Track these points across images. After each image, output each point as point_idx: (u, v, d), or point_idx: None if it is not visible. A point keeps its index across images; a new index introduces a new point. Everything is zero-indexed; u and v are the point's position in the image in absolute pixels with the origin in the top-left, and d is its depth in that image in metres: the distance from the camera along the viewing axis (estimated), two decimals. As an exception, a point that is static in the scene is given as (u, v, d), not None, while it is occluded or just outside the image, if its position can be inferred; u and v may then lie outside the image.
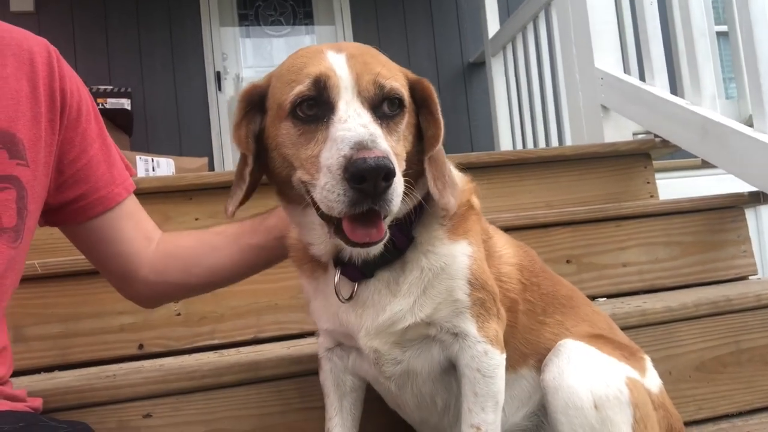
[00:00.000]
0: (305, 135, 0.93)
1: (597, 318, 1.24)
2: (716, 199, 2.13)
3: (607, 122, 2.78)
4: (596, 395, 1.05)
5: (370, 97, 0.94)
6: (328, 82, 0.92)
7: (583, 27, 2.86)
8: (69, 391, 1.28)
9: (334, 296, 1.06)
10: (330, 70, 0.93)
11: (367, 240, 0.88)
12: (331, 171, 0.86)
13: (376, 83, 0.94)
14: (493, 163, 2.34)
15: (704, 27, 2.37)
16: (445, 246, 1.04)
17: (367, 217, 0.88)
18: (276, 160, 0.99)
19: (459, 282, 1.03)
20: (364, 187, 0.83)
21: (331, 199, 0.86)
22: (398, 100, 0.96)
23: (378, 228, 0.89)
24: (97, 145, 1.21)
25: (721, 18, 3.41)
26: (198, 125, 5.79)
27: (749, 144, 2.06)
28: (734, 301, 1.61)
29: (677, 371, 1.55)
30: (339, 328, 1.08)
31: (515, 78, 4.26)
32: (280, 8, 6.20)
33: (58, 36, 5.42)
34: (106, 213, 1.22)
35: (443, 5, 6.27)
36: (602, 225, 2.01)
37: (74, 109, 1.16)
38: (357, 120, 0.90)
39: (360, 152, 0.84)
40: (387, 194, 0.85)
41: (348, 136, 0.87)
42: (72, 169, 1.17)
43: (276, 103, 0.98)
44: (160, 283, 1.28)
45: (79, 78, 1.21)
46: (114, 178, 1.23)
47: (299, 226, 1.07)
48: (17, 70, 1.09)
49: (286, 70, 0.99)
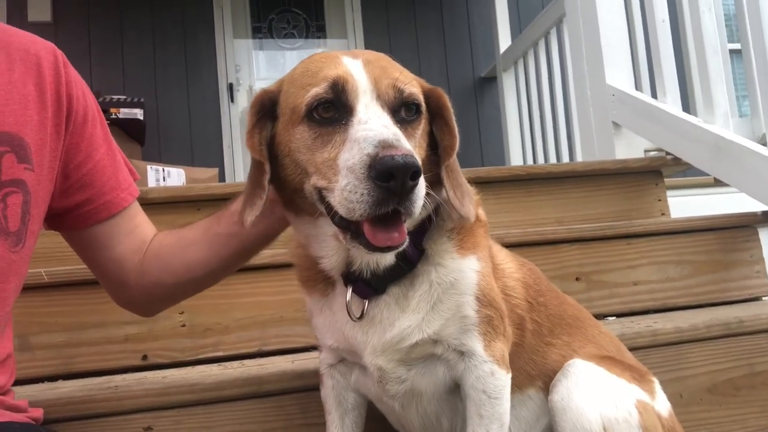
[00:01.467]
0: (321, 138, 0.91)
1: (604, 339, 1.22)
2: (729, 218, 2.10)
3: (619, 139, 2.76)
4: (605, 417, 1.03)
5: (390, 100, 0.92)
6: (346, 85, 0.91)
7: (595, 43, 2.85)
8: (70, 401, 1.28)
9: (340, 313, 1.04)
10: (347, 73, 0.92)
11: (389, 244, 0.85)
12: (353, 171, 0.83)
13: (395, 87, 0.93)
14: (502, 179, 2.33)
15: (717, 44, 2.35)
16: (455, 261, 1.02)
17: (387, 220, 0.85)
18: (288, 167, 0.97)
19: (468, 298, 1.01)
20: (391, 185, 0.81)
21: (353, 200, 0.82)
22: (416, 105, 0.95)
23: (399, 231, 0.86)
24: (102, 150, 1.21)
25: (734, 36, 3.40)
26: (210, 136, 5.83)
27: (762, 163, 2.03)
28: (747, 323, 1.58)
29: (688, 394, 1.52)
30: (344, 345, 1.07)
31: (526, 93, 4.26)
32: (293, 21, 6.26)
33: (74, 47, 5.51)
34: (110, 219, 1.21)
35: (455, 20, 6.29)
36: (613, 243, 1.99)
37: (80, 114, 1.16)
38: (378, 121, 0.88)
39: (386, 150, 0.82)
40: (412, 195, 0.83)
41: (371, 135, 0.84)
42: (78, 173, 1.17)
43: (289, 107, 0.96)
44: (145, 284, 1.25)
45: (85, 82, 1.21)
46: (119, 182, 1.23)
47: (309, 239, 1.04)
48: (24, 74, 1.09)
49: (299, 74, 0.98)
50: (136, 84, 5.58)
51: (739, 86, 3.79)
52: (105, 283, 1.31)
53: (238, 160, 5.93)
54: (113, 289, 1.31)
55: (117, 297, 1.32)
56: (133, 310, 1.35)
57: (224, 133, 5.92)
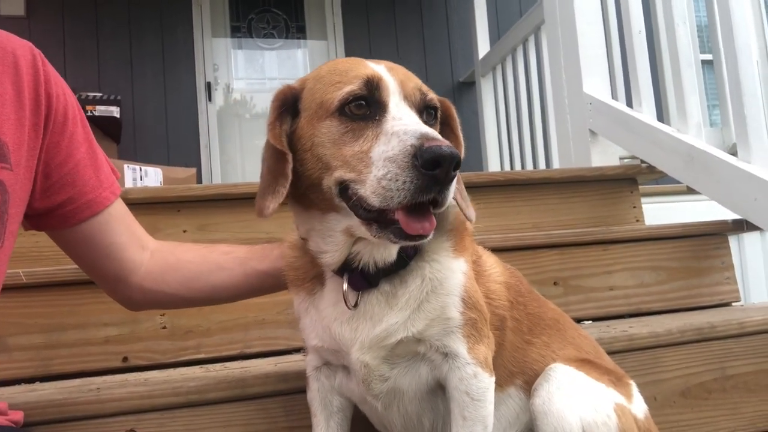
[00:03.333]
0: (352, 133, 0.95)
1: (583, 342, 1.25)
2: (701, 226, 2.16)
3: (595, 146, 2.82)
4: (585, 421, 1.06)
5: (416, 102, 0.98)
6: (380, 82, 0.96)
7: (573, 52, 2.90)
8: (51, 404, 1.26)
9: (327, 310, 1.06)
10: (378, 73, 0.98)
11: (421, 232, 0.89)
12: (394, 161, 0.87)
13: (421, 90, 1.00)
14: (481, 184, 2.36)
15: (691, 57, 2.42)
16: (448, 259, 1.05)
17: (420, 211, 0.89)
18: (308, 162, 0.99)
19: (453, 299, 1.04)
20: (437, 173, 0.85)
21: (392, 188, 0.86)
22: (435, 110, 1.02)
23: (430, 221, 0.90)
24: (83, 149, 1.20)
25: (705, 46, 3.49)
26: (187, 135, 5.77)
27: (733, 173, 2.09)
28: (718, 327, 1.63)
29: (662, 397, 1.56)
30: (329, 343, 1.08)
31: (504, 99, 4.31)
32: (273, 21, 6.23)
33: (48, 41, 5.41)
34: (95, 217, 1.21)
35: (434, 24, 6.34)
36: (590, 248, 2.03)
37: (60, 113, 1.15)
38: (412, 118, 0.94)
39: (429, 141, 0.86)
40: (450, 185, 0.88)
41: (411, 129, 0.89)
42: (59, 173, 1.16)
43: (315, 102, 0.99)
44: (157, 292, 1.28)
45: (65, 82, 1.20)
46: (101, 182, 1.22)
47: (312, 233, 1.05)
48: (1, 73, 1.08)
49: (327, 73, 1.01)
50: (111, 80, 5.50)
51: (710, 96, 3.91)
52: (100, 281, 1.31)
53: (215, 159, 5.88)
54: (108, 286, 1.31)
55: (114, 294, 1.33)
56: (126, 305, 1.36)
57: (201, 132, 5.86)
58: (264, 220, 2.33)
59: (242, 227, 2.16)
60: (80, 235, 1.22)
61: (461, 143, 1.07)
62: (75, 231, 1.21)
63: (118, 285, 1.29)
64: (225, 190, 2.17)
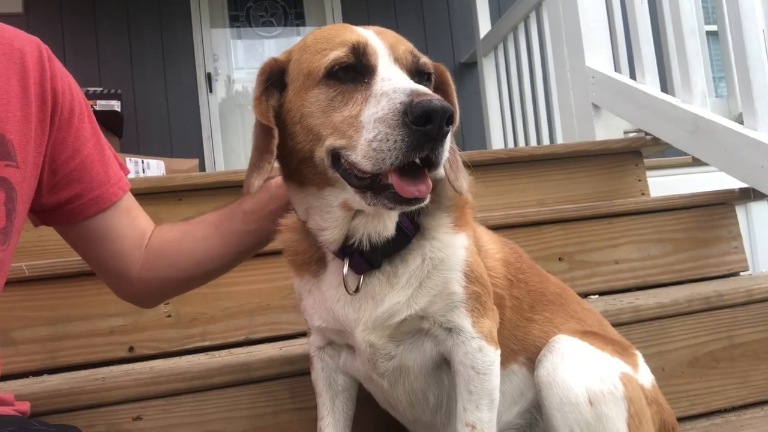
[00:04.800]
0: (341, 97, 0.92)
1: (587, 315, 1.24)
2: (707, 196, 2.14)
3: (598, 121, 2.79)
4: (591, 390, 1.05)
5: (408, 64, 0.95)
6: (366, 47, 0.93)
7: (574, 26, 2.86)
8: (57, 394, 1.27)
9: (329, 292, 1.05)
10: (365, 37, 0.95)
11: (417, 195, 0.86)
12: (384, 121, 0.84)
13: (412, 53, 0.97)
14: (484, 162, 2.34)
15: (694, 25, 2.37)
16: (448, 236, 1.04)
17: (414, 173, 0.87)
18: (298, 135, 0.97)
19: (456, 273, 1.02)
20: (428, 128, 0.82)
21: (383, 149, 0.83)
22: (428, 74, 0.99)
23: (426, 184, 0.87)
24: (90, 144, 1.19)
25: (710, 18, 3.43)
26: (189, 127, 5.77)
27: (739, 141, 2.06)
28: (726, 296, 1.62)
29: (670, 367, 1.55)
30: (333, 324, 1.07)
31: (506, 77, 4.27)
32: (271, 9, 6.19)
33: (47, 38, 5.31)
34: (102, 213, 1.20)
35: (435, 5, 6.27)
36: (594, 223, 2.01)
37: (66, 109, 1.14)
38: (402, 77, 0.91)
39: (420, 97, 0.83)
40: (444, 143, 0.85)
41: (401, 87, 0.86)
42: (66, 169, 1.15)
43: (303, 73, 0.97)
44: (152, 279, 1.27)
45: (72, 77, 1.19)
46: (109, 177, 1.21)
47: (311, 211, 1.03)
48: (7, 69, 1.07)
49: (313, 42, 0.99)
50: (111, 75, 5.49)
51: (715, 68, 3.85)
52: (105, 277, 1.30)
53: (218, 150, 5.88)
54: (114, 283, 1.30)
55: (119, 291, 1.32)
56: (136, 302, 1.35)
57: (203, 123, 5.86)
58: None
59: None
60: (87, 230, 1.21)
61: (456, 109, 1.03)
62: (82, 226, 1.21)
63: (122, 281, 1.28)
64: (225, 177, 2.16)
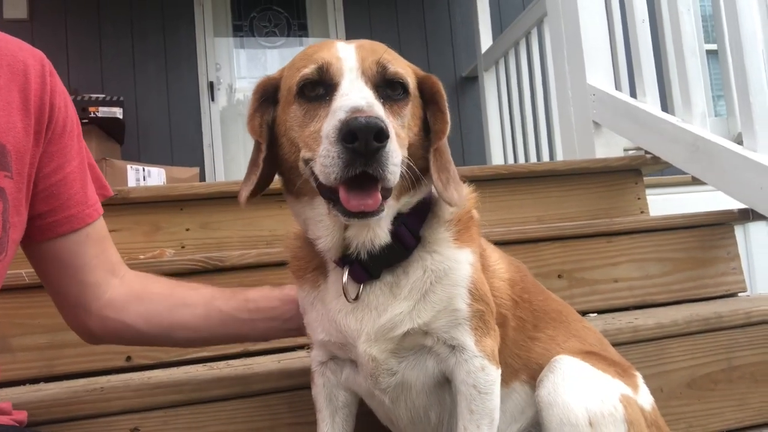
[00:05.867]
0: (309, 113, 0.97)
1: (588, 334, 1.24)
2: (706, 216, 2.14)
3: (599, 138, 2.80)
4: (591, 412, 1.05)
5: (373, 75, 0.97)
6: (330, 66, 0.96)
7: (576, 43, 2.88)
8: (55, 403, 1.26)
9: (333, 303, 1.05)
10: (334, 55, 0.98)
11: (362, 209, 0.88)
12: (328, 137, 0.88)
13: (379, 64, 0.98)
14: (484, 177, 2.35)
15: (695, 45, 2.40)
16: (450, 250, 1.04)
17: (362, 186, 0.88)
18: (285, 146, 1.02)
19: (460, 290, 1.03)
20: (356, 146, 0.85)
21: (327, 164, 0.87)
22: (401, 84, 0.99)
23: (373, 198, 0.88)
24: (75, 164, 1.18)
25: (709, 36, 3.46)
26: (190, 135, 5.78)
27: (739, 162, 2.07)
28: (725, 318, 1.62)
29: (668, 388, 1.55)
30: (336, 336, 1.07)
31: (507, 93, 4.30)
32: (274, 20, 6.23)
33: (51, 44, 5.42)
34: (72, 234, 1.17)
35: (437, 19, 6.32)
36: (593, 240, 2.02)
37: (59, 125, 1.14)
38: (358, 93, 0.93)
39: (356, 113, 0.86)
40: (380, 157, 0.86)
41: (345, 104, 0.89)
42: (45, 182, 1.13)
43: (286, 88, 1.02)
44: (117, 321, 1.22)
45: (68, 95, 1.19)
46: (87, 198, 1.19)
47: (307, 222, 1.06)
48: (10, 81, 1.08)
49: (298, 59, 1.04)
50: (114, 82, 5.51)
51: (714, 87, 3.88)
52: (60, 302, 1.25)
53: (219, 159, 5.89)
54: (69, 311, 1.25)
55: (71, 320, 1.26)
56: (84, 336, 1.28)
57: (204, 132, 5.87)
58: (265, 218, 2.33)
59: (244, 224, 2.16)
60: (53, 250, 1.17)
61: (447, 121, 1.04)
62: (49, 245, 1.17)
63: (78, 310, 1.23)
64: (227, 187, 2.17)
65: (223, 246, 2.13)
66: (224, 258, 1.77)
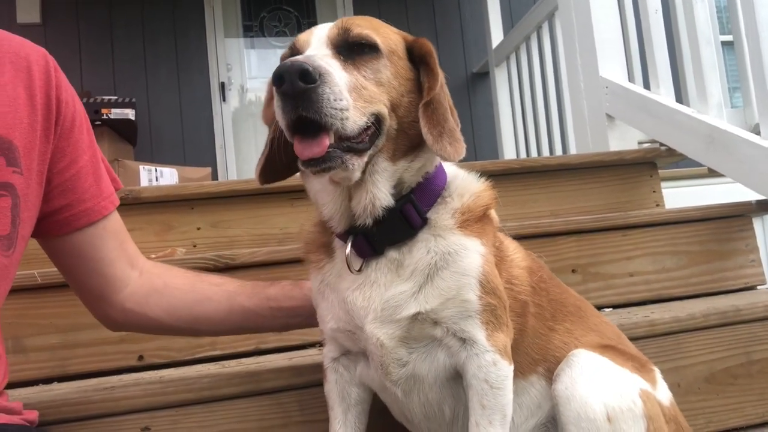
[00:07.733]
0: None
1: (606, 328, 1.22)
2: (723, 208, 2.10)
3: (612, 131, 2.77)
4: (609, 407, 1.03)
5: (334, 39, 1.00)
6: (299, 41, 1.03)
7: (588, 36, 2.85)
8: (66, 403, 1.26)
9: (341, 283, 1.06)
10: (311, 32, 1.02)
11: (309, 156, 0.90)
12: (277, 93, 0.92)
13: (342, 28, 1.00)
14: (497, 172, 2.31)
15: (710, 35, 2.35)
16: (455, 236, 1.04)
17: (311, 135, 0.91)
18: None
19: (470, 280, 1.01)
20: (284, 88, 0.88)
21: (277, 117, 0.92)
22: (367, 45, 1.00)
23: (319, 144, 0.90)
24: (86, 157, 1.19)
25: (725, 28, 3.40)
26: (202, 135, 5.81)
27: (756, 152, 2.04)
28: (744, 311, 1.59)
29: (686, 383, 1.52)
30: (345, 322, 1.06)
31: (519, 88, 4.26)
32: (284, 19, 6.23)
33: (63, 47, 5.47)
34: (90, 227, 1.19)
35: (447, 15, 6.28)
36: (608, 234, 1.99)
37: (68, 120, 1.15)
38: (308, 52, 0.97)
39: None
40: (313, 98, 0.88)
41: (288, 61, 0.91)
42: (60, 178, 1.15)
43: None
44: (139, 314, 1.25)
45: (74, 90, 1.20)
46: (101, 191, 1.21)
47: (317, 195, 1.08)
48: (14, 77, 1.08)
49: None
50: (126, 84, 5.55)
51: (730, 78, 3.81)
52: (83, 294, 1.27)
53: (231, 159, 5.91)
54: (90, 301, 1.28)
55: (95, 310, 1.29)
56: (109, 325, 1.33)
57: (216, 132, 5.89)
58: (277, 215, 2.32)
59: (255, 223, 2.16)
60: (72, 244, 1.19)
61: (436, 76, 1.05)
62: (67, 240, 1.19)
63: (100, 302, 1.26)
64: (237, 186, 2.17)
65: (234, 244, 2.13)
66: (235, 256, 1.76)
